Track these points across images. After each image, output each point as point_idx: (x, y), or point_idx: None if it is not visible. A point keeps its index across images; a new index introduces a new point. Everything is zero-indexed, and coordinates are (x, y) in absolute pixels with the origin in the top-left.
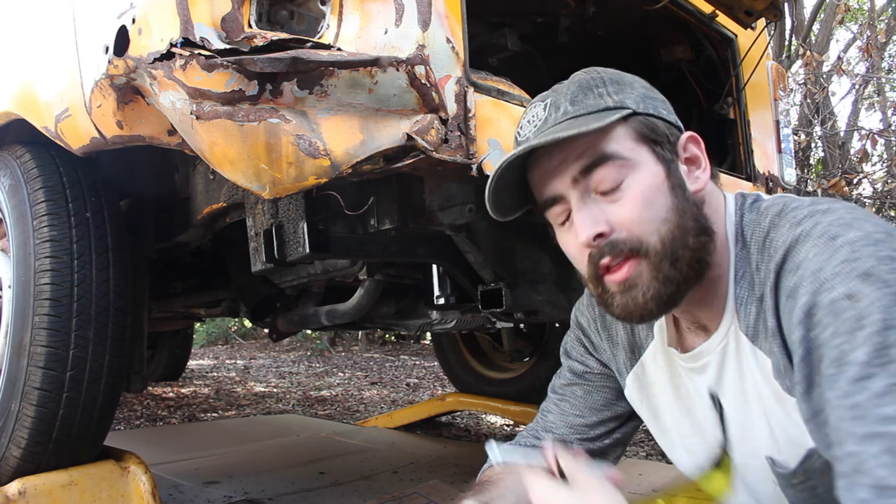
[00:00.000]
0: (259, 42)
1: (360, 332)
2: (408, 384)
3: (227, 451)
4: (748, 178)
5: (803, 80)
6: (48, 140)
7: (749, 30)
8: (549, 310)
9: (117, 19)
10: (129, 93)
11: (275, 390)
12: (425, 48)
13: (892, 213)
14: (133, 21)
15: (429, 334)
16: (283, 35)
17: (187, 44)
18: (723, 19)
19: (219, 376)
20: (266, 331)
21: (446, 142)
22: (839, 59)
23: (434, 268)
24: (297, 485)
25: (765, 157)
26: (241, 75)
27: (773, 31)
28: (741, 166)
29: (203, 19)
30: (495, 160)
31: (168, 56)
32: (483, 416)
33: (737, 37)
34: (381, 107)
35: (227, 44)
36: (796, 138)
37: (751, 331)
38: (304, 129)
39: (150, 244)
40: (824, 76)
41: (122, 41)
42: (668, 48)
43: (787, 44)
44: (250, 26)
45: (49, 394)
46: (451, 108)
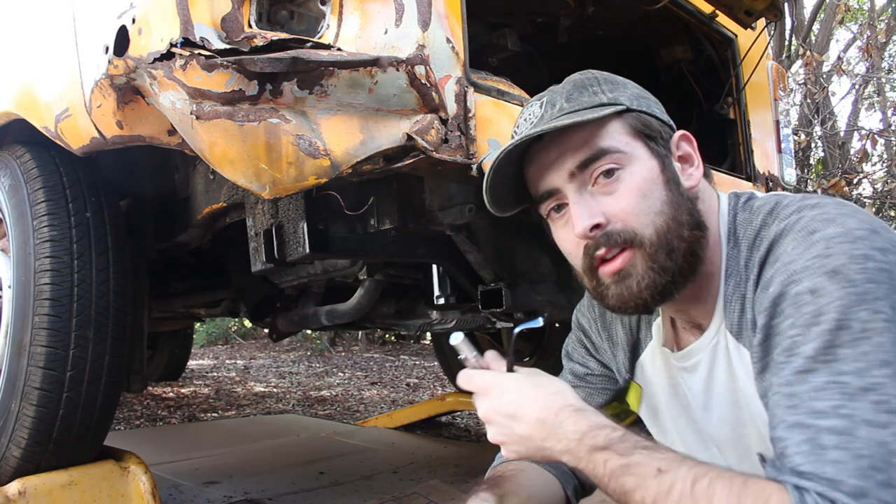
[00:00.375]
0: (259, 42)
1: (360, 332)
2: (408, 384)
3: (227, 451)
4: (748, 178)
5: (803, 80)
6: (48, 140)
7: (749, 30)
8: (549, 310)
9: (117, 19)
10: (129, 93)
11: (275, 390)
12: (425, 48)
13: (892, 213)
14: (133, 21)
15: (429, 334)
16: (283, 35)
17: (187, 44)
18: (723, 19)
19: (219, 376)
20: (266, 331)
21: (446, 142)
22: (839, 59)
23: (434, 268)
24: (297, 485)
25: (765, 157)
26: (241, 75)
27: (773, 31)
28: (741, 166)
29: (203, 19)
30: None
31: (168, 56)
32: None
33: (737, 37)
34: (381, 107)
35: (227, 44)
36: (796, 138)
37: (735, 328)
38: (304, 129)
39: (150, 244)
40: (824, 76)
41: (122, 41)
42: (668, 48)
43: (787, 44)
44: (250, 26)
45: (49, 394)
46: (451, 108)
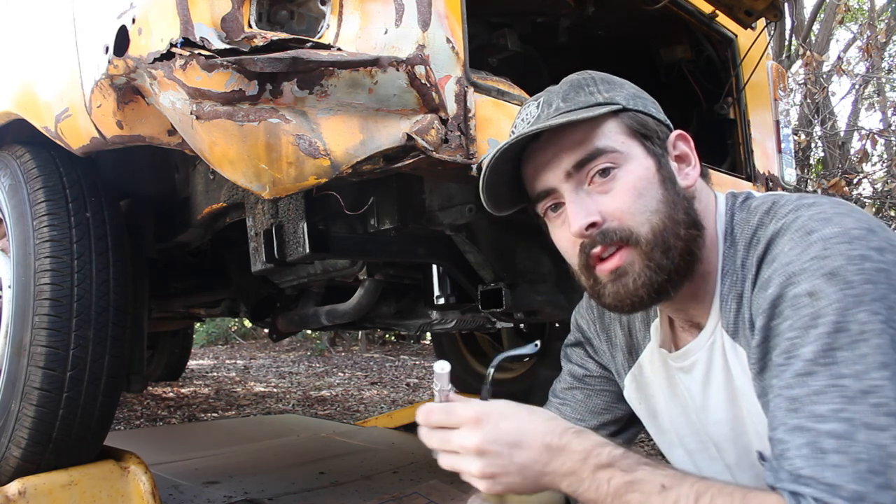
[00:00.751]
0: (259, 42)
1: (360, 332)
2: (408, 384)
3: (227, 451)
4: (748, 178)
5: (803, 80)
6: (48, 140)
7: (749, 30)
8: (549, 310)
9: (117, 19)
10: (129, 93)
11: (275, 390)
12: (425, 48)
13: (893, 213)
14: (133, 21)
15: (429, 334)
16: (283, 35)
17: (187, 44)
18: (723, 19)
19: (219, 376)
20: (266, 331)
21: (446, 142)
22: (839, 59)
23: (434, 268)
24: (297, 485)
25: (765, 157)
26: (241, 75)
27: (773, 31)
28: (741, 166)
29: (203, 19)
30: None
31: (168, 56)
32: None
33: (737, 37)
34: (381, 107)
35: (227, 44)
36: (796, 138)
37: (731, 327)
38: (304, 129)
39: (150, 244)
40: (824, 76)
41: (122, 41)
42: (668, 48)
43: (787, 44)
44: (250, 26)
45: (49, 394)
46: (451, 108)
